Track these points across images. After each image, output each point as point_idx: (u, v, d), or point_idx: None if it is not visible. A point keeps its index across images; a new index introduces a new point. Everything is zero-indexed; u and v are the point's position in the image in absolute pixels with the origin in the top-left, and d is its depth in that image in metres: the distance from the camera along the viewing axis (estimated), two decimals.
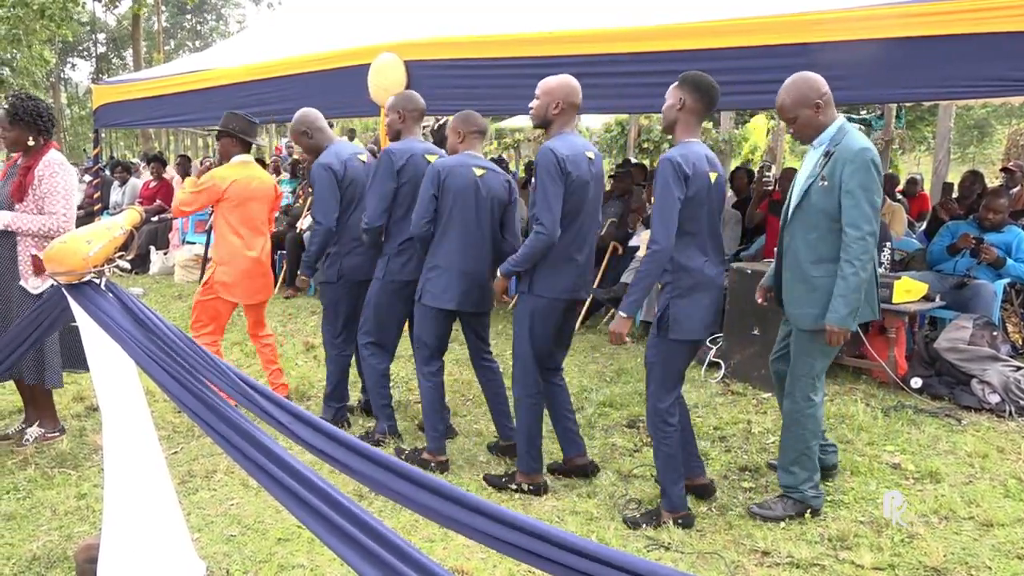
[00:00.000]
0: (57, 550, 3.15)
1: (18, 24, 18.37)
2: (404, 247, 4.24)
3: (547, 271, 3.64)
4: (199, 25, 43.19)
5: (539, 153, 3.61)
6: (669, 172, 3.29)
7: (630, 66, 5.47)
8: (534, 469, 3.82)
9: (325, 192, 4.45)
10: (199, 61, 10.82)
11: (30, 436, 4.21)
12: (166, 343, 2.73)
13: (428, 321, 4.07)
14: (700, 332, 3.44)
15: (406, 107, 4.40)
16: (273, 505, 3.52)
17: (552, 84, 3.70)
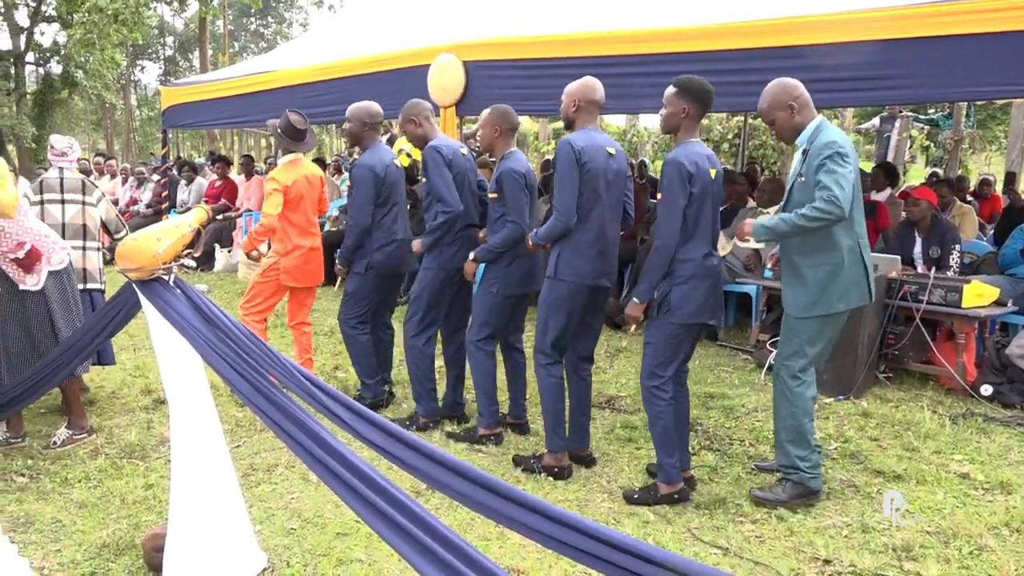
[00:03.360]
0: (125, 538, 3.24)
1: (93, 28, 18.94)
2: (456, 237, 4.49)
3: (569, 257, 3.87)
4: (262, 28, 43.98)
5: (558, 146, 3.87)
6: (675, 173, 3.53)
7: (689, 65, 5.37)
8: (560, 448, 4.04)
9: (364, 193, 4.69)
10: (262, 63, 11.03)
11: (58, 438, 4.26)
12: (231, 339, 2.79)
13: (500, 307, 4.35)
14: (696, 316, 3.63)
15: (416, 112, 4.59)
16: (332, 500, 3.57)
17: (571, 86, 3.95)
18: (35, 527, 3.34)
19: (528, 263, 4.31)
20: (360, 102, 4.91)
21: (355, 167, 4.83)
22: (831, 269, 3.56)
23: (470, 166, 4.59)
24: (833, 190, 3.35)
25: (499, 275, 4.29)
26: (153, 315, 2.86)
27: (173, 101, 11.08)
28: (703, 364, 6.03)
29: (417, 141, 4.67)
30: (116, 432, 4.45)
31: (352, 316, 4.92)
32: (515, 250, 4.24)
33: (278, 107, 8.72)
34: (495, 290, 4.30)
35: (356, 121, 4.84)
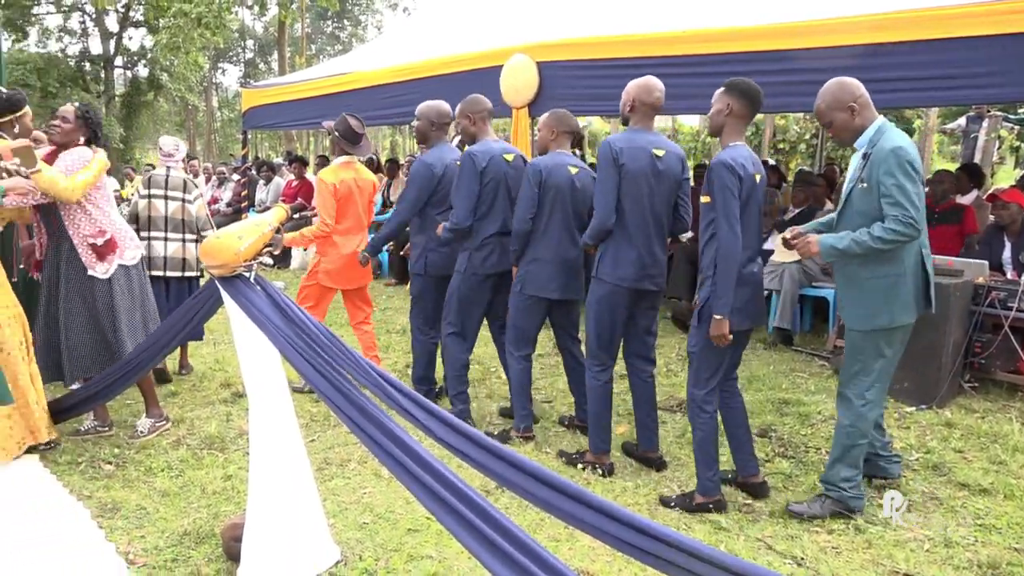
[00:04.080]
0: (205, 527, 3.33)
1: (178, 33, 19.58)
2: (486, 243, 4.50)
3: (610, 258, 3.89)
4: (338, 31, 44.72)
5: (600, 146, 3.90)
6: (725, 174, 3.43)
7: (765, 64, 5.30)
8: (602, 449, 4.06)
9: (415, 187, 4.73)
10: (338, 65, 11.23)
11: (143, 427, 4.41)
12: (308, 335, 2.85)
13: (529, 309, 4.35)
14: (738, 323, 3.55)
15: (474, 110, 4.58)
16: (403, 496, 3.61)
17: (630, 85, 3.95)
18: (121, 513, 3.46)
19: (553, 266, 4.24)
20: (430, 101, 4.94)
21: (415, 162, 4.88)
22: (893, 280, 3.40)
23: (513, 171, 4.52)
24: (908, 210, 3.20)
25: (521, 275, 4.32)
26: (234, 311, 2.94)
27: (253, 103, 11.36)
28: (777, 369, 5.91)
29: (466, 138, 4.69)
30: (197, 424, 4.58)
31: (418, 319, 4.96)
32: (534, 251, 4.24)
33: (353, 108, 8.87)
34: (519, 288, 4.33)
35: (424, 119, 4.88)
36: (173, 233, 5.30)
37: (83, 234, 4.17)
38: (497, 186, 4.47)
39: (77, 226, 4.16)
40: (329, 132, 5.33)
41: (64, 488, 3.68)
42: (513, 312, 4.42)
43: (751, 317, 3.62)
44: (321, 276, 5.17)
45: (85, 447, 4.18)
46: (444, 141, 4.94)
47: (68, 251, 4.18)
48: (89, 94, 26.13)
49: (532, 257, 4.26)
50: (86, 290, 4.20)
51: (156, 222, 5.28)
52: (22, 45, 26.01)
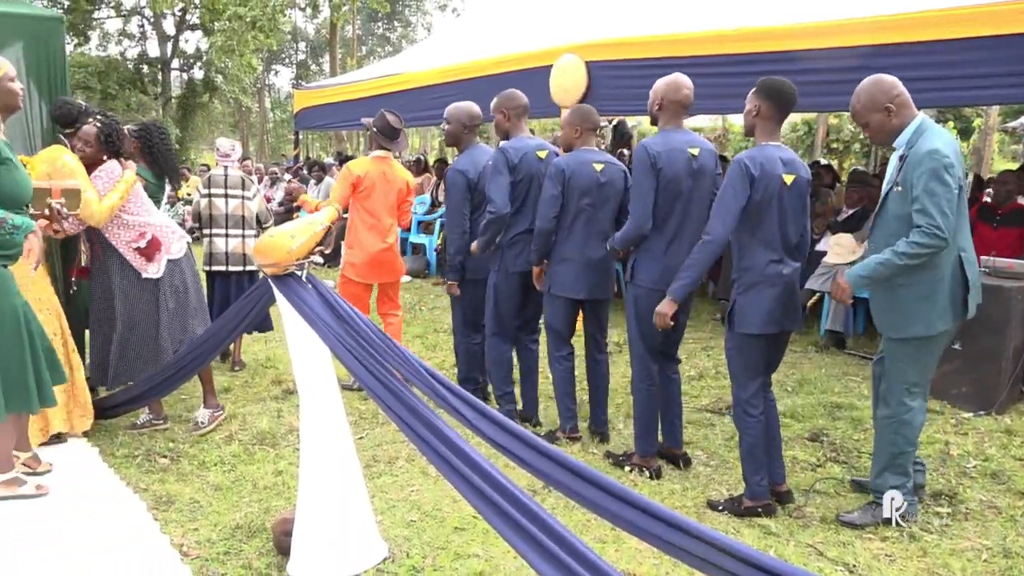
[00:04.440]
0: (256, 521, 3.38)
1: (232, 35, 19.95)
2: (516, 239, 4.50)
3: (646, 261, 3.87)
4: (388, 32, 45.12)
5: (636, 149, 3.89)
6: (735, 172, 3.42)
7: (817, 62, 5.24)
8: (649, 453, 4.04)
9: (457, 198, 4.71)
10: (389, 66, 11.35)
11: (203, 418, 4.51)
12: (358, 333, 2.88)
13: (559, 310, 4.36)
14: (762, 326, 3.52)
15: (509, 105, 4.54)
16: (450, 494, 3.63)
17: (658, 84, 3.89)
18: (175, 506, 3.53)
19: (580, 266, 4.22)
20: (459, 103, 4.89)
21: (449, 171, 4.85)
22: (930, 288, 3.29)
23: (546, 169, 4.45)
24: (935, 218, 3.10)
25: (549, 275, 4.32)
26: (286, 308, 2.99)
27: (305, 104, 11.54)
28: (829, 373, 5.82)
29: (499, 133, 4.69)
30: (249, 420, 4.66)
31: (462, 324, 4.98)
32: (560, 251, 4.24)
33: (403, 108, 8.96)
34: (548, 289, 4.33)
35: (455, 122, 4.82)
36: (233, 229, 5.58)
37: (125, 241, 4.27)
38: (530, 182, 4.45)
39: (117, 236, 4.27)
40: (368, 128, 5.38)
41: (121, 481, 3.77)
42: (547, 313, 4.43)
43: (779, 321, 3.54)
44: (346, 268, 5.26)
45: (141, 440, 4.28)
46: (476, 143, 4.92)
47: (118, 259, 4.29)
48: (147, 96, 26.72)
49: (560, 257, 4.26)
50: (142, 292, 4.31)
51: (217, 220, 5.57)
52: (84, 49, 26.69)
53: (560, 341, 4.43)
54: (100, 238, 4.29)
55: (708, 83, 5.66)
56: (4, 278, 3.38)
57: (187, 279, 4.47)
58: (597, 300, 4.40)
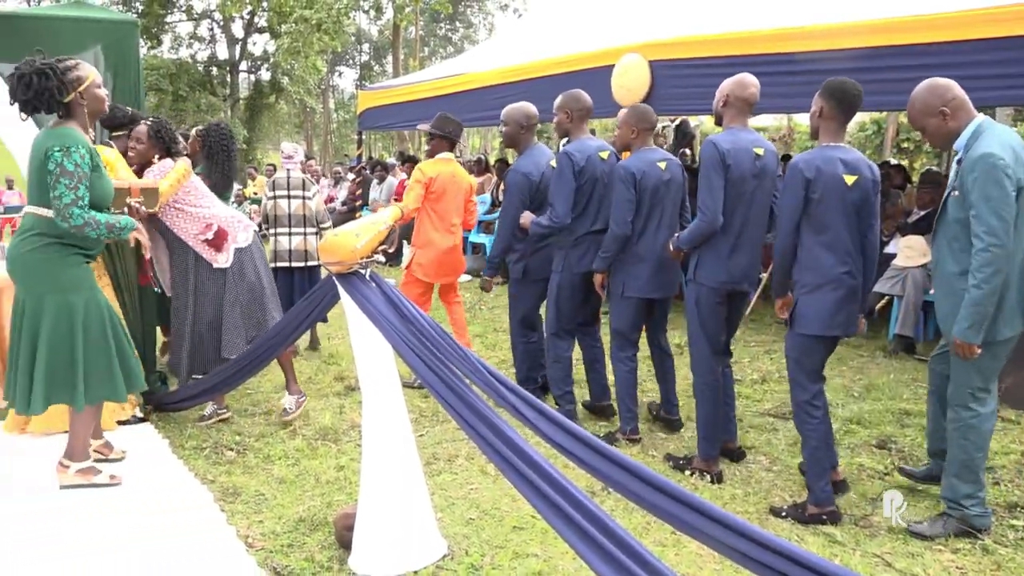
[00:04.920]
0: (319, 515, 3.44)
1: (298, 38, 20.31)
2: (580, 240, 4.48)
3: (709, 259, 3.86)
4: (451, 33, 45.39)
5: (703, 145, 3.88)
6: (789, 176, 3.45)
7: (886, 60, 5.10)
8: (711, 456, 4.00)
9: (516, 200, 4.73)
10: (451, 67, 11.41)
11: (288, 405, 4.64)
12: (421, 331, 2.91)
13: (630, 311, 4.36)
14: (823, 328, 3.50)
15: (574, 106, 4.53)
16: (509, 493, 3.63)
17: (725, 82, 3.89)
18: (241, 498, 3.61)
19: (653, 266, 4.23)
20: (516, 104, 4.90)
21: (509, 172, 4.86)
22: None
23: (608, 170, 4.48)
24: (991, 221, 3.02)
25: (622, 278, 4.30)
26: (350, 306, 3.03)
27: (368, 104, 11.67)
28: (898, 379, 5.66)
29: (559, 133, 4.71)
30: (312, 415, 4.73)
31: (516, 319, 5.01)
32: (636, 251, 4.23)
33: (465, 109, 9.00)
34: (620, 292, 4.31)
35: (513, 123, 4.84)
36: (296, 228, 5.90)
37: (192, 234, 4.41)
38: (593, 184, 4.45)
39: (185, 229, 4.40)
40: (430, 132, 5.45)
41: (189, 472, 3.87)
42: (615, 315, 4.41)
43: (841, 323, 3.51)
44: (414, 268, 5.36)
45: (209, 433, 4.39)
46: (535, 144, 4.92)
47: (192, 254, 4.43)
48: (216, 97, 27.40)
49: (635, 259, 4.25)
50: (215, 283, 4.46)
51: (281, 219, 5.91)
52: (156, 51, 27.48)
53: (627, 343, 4.43)
54: (171, 235, 4.42)
55: (773, 82, 5.56)
56: (87, 274, 3.55)
57: (258, 267, 4.60)
58: (665, 299, 4.45)
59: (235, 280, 4.47)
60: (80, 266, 3.50)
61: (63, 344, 3.42)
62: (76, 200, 3.29)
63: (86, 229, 3.33)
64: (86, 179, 3.34)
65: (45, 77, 3.29)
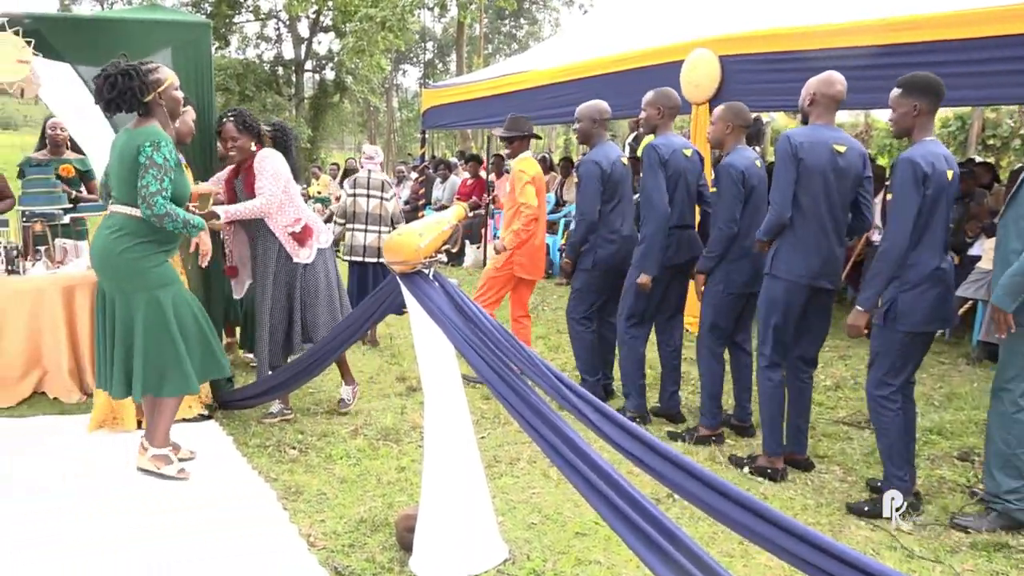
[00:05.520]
0: (380, 516, 3.42)
1: (363, 36, 20.49)
2: None
3: (786, 253, 3.82)
4: (515, 30, 45.42)
5: (778, 139, 3.84)
6: (908, 173, 3.35)
7: (971, 52, 4.88)
8: (776, 452, 3.98)
9: (591, 188, 4.77)
10: (515, 64, 11.36)
11: (346, 396, 4.82)
12: (484, 332, 2.86)
13: (730, 307, 4.34)
14: (924, 324, 3.46)
15: (666, 103, 4.59)
16: (572, 498, 3.57)
17: (811, 80, 3.86)
18: (303, 497, 3.61)
19: (752, 262, 4.21)
20: (590, 101, 4.99)
21: (582, 163, 4.95)
22: None
23: (691, 166, 4.54)
24: None
25: (723, 275, 4.27)
26: (413, 306, 3.00)
27: (432, 103, 11.70)
28: (982, 387, 5.41)
29: (647, 128, 4.75)
30: (373, 415, 4.73)
31: (579, 312, 5.00)
32: (741, 246, 4.22)
33: (529, 107, 8.95)
34: (722, 288, 4.29)
35: (586, 119, 4.94)
36: (372, 225, 6.24)
37: (282, 225, 4.47)
38: (678, 179, 4.48)
39: (276, 220, 4.45)
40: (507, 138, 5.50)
41: (253, 470, 3.89)
42: (712, 312, 4.37)
43: (939, 319, 3.49)
44: (516, 268, 5.39)
45: (272, 431, 4.41)
46: (606, 139, 5.00)
47: (276, 245, 4.49)
48: (281, 97, 27.76)
49: (739, 255, 4.24)
50: (292, 277, 4.53)
51: (359, 216, 6.26)
52: (224, 52, 28.03)
53: (723, 340, 4.43)
54: (257, 225, 4.49)
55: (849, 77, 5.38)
56: (171, 270, 3.71)
57: (330, 269, 4.71)
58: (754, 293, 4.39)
59: (311, 276, 4.56)
60: (164, 264, 3.66)
61: (161, 336, 3.59)
62: (161, 190, 3.45)
63: (166, 220, 3.48)
64: (172, 173, 3.51)
65: (129, 77, 3.47)
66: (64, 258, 5.29)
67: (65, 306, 4.89)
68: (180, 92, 3.74)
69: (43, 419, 4.58)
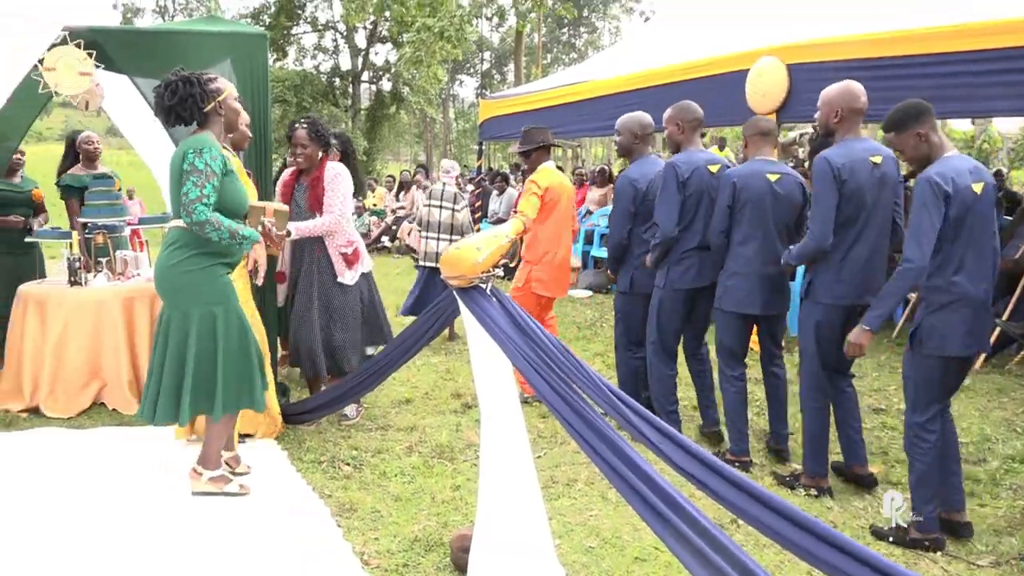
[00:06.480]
0: (434, 535, 3.35)
1: (421, 47, 20.59)
2: (684, 256, 4.38)
3: (826, 277, 3.72)
4: (574, 39, 45.35)
5: (815, 161, 3.68)
6: (927, 192, 3.21)
7: None
8: (819, 473, 3.89)
9: (621, 207, 4.67)
10: (574, 74, 11.25)
11: (350, 412, 4.77)
12: (542, 349, 2.77)
13: (731, 326, 4.23)
14: (952, 348, 3.30)
15: (684, 118, 4.45)
16: (631, 522, 3.47)
17: (831, 94, 3.75)
18: (357, 514, 3.56)
19: (754, 281, 4.10)
20: (631, 113, 4.82)
21: (618, 179, 4.79)
22: None
23: (717, 184, 4.31)
24: None
25: (720, 291, 4.22)
26: (470, 321, 2.93)
27: (489, 114, 11.65)
28: None
29: (670, 146, 4.58)
30: (428, 432, 4.66)
31: (627, 340, 4.86)
32: (732, 265, 4.15)
33: (589, 118, 8.86)
34: (718, 305, 4.22)
35: (627, 133, 4.76)
36: (444, 234, 6.73)
37: (336, 244, 4.51)
38: (700, 198, 4.33)
39: (333, 237, 4.49)
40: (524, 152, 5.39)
41: (308, 486, 3.85)
42: (718, 330, 4.28)
43: (969, 343, 3.32)
44: (534, 285, 5.18)
45: (326, 447, 4.37)
46: (648, 154, 4.82)
47: (322, 260, 4.51)
48: (337, 108, 28.09)
49: (731, 271, 4.15)
50: (333, 295, 4.53)
51: (432, 225, 6.76)
52: (282, 63, 28.49)
53: (733, 360, 4.29)
54: (312, 240, 4.51)
55: (923, 85, 5.19)
56: (228, 285, 3.63)
57: (373, 294, 4.74)
58: (773, 316, 4.29)
59: (352, 298, 4.59)
60: (222, 277, 3.59)
61: (207, 355, 3.52)
62: (201, 197, 3.37)
63: (207, 228, 3.39)
64: (215, 179, 3.43)
65: (189, 84, 3.46)
66: (125, 270, 5.35)
67: (125, 318, 4.95)
68: (239, 103, 3.73)
69: (103, 431, 4.62)
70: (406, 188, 15.46)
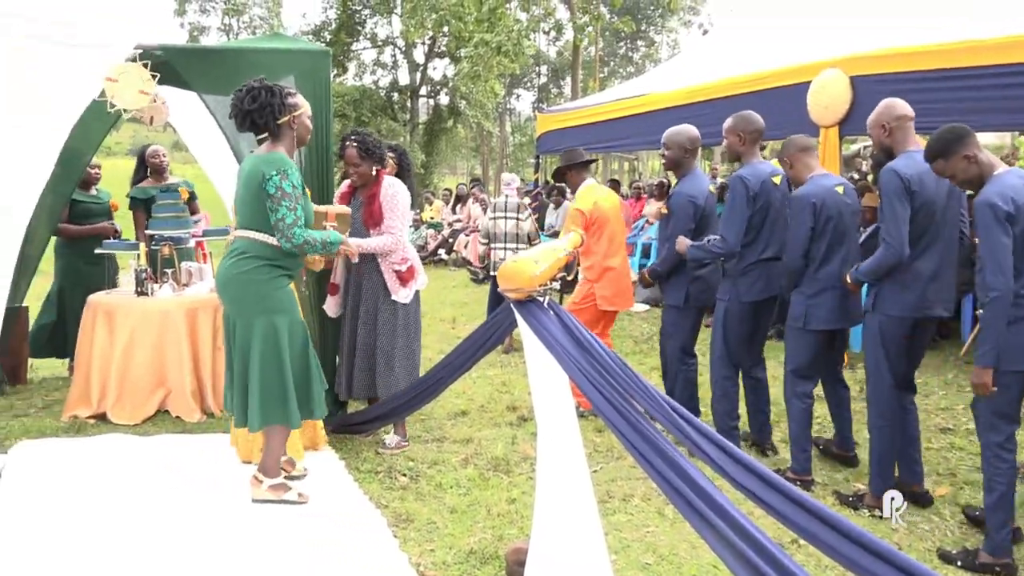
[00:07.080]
0: (490, 548, 3.35)
1: (478, 61, 20.73)
2: (750, 268, 4.34)
3: (892, 289, 3.67)
4: (631, 52, 45.17)
5: (883, 174, 3.65)
6: (989, 217, 3.15)
7: None
8: (883, 491, 3.70)
9: (681, 224, 4.61)
10: (631, 88, 11.22)
11: (390, 442, 4.59)
12: (599, 362, 2.76)
13: (812, 345, 4.13)
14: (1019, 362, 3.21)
15: (746, 128, 4.38)
16: (688, 539, 3.43)
17: (879, 109, 3.76)
18: (413, 525, 3.58)
19: (837, 296, 4.02)
20: (678, 126, 4.76)
21: (673, 195, 4.73)
22: None
23: (780, 196, 4.32)
24: None
25: (803, 310, 4.08)
26: (528, 334, 2.93)
27: (546, 127, 11.68)
28: None
29: (731, 157, 4.55)
30: (484, 444, 4.67)
31: (680, 352, 4.81)
32: (818, 283, 4.05)
33: (647, 132, 8.81)
34: (801, 325, 4.09)
35: (676, 147, 4.71)
36: (510, 243, 7.21)
37: (390, 261, 4.49)
38: (767, 211, 4.31)
39: (388, 255, 4.47)
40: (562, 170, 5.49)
41: (364, 495, 3.88)
42: (794, 349, 4.19)
43: None
44: (600, 301, 5.17)
45: (383, 458, 4.41)
46: (695, 169, 4.77)
47: (376, 277, 4.51)
48: (396, 123, 28.41)
49: (818, 289, 4.04)
50: (388, 314, 4.51)
51: (498, 236, 7.26)
52: (341, 79, 28.94)
53: (807, 379, 4.20)
54: (366, 257, 4.50)
55: (995, 96, 5.07)
56: (291, 295, 3.72)
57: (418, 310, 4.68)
58: (845, 329, 4.29)
59: (403, 316, 4.53)
60: (285, 288, 3.67)
61: (273, 365, 3.59)
62: (297, 220, 3.50)
63: (306, 247, 3.55)
64: (302, 199, 3.56)
65: (271, 94, 3.53)
66: (189, 281, 5.49)
67: (189, 327, 5.08)
68: (311, 121, 3.79)
69: (166, 437, 4.73)
70: (463, 201, 15.60)
